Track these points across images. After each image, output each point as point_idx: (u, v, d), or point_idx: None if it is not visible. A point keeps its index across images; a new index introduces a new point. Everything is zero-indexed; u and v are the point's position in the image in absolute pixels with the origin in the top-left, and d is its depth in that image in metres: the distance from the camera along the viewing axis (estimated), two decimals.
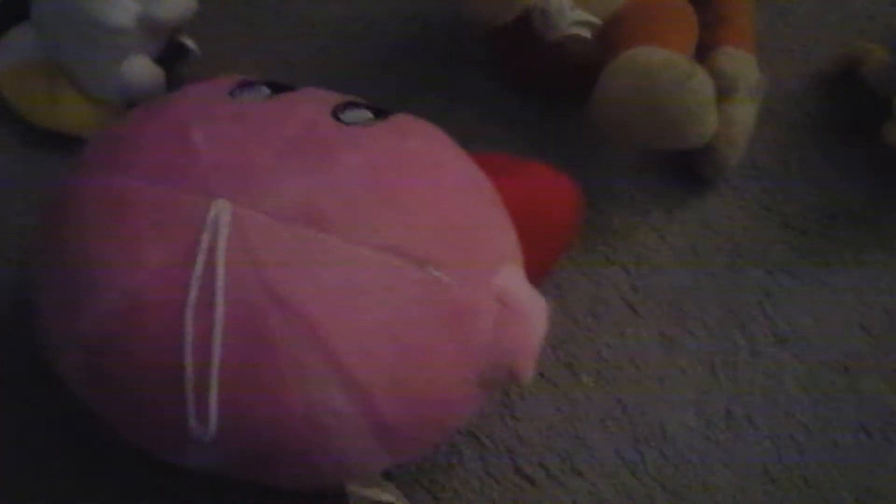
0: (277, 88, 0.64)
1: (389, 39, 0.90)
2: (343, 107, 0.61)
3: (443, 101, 0.84)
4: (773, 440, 0.66)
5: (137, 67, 0.80)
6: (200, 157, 0.57)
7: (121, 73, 0.80)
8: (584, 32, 0.75)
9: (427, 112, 0.64)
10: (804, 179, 0.79)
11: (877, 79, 0.80)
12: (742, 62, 0.78)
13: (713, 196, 0.78)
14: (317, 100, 0.63)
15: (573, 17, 0.75)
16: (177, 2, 0.80)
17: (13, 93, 0.83)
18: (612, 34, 0.74)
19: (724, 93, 0.75)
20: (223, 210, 0.55)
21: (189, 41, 0.83)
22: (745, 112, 0.77)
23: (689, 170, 0.79)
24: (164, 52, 0.82)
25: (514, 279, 0.59)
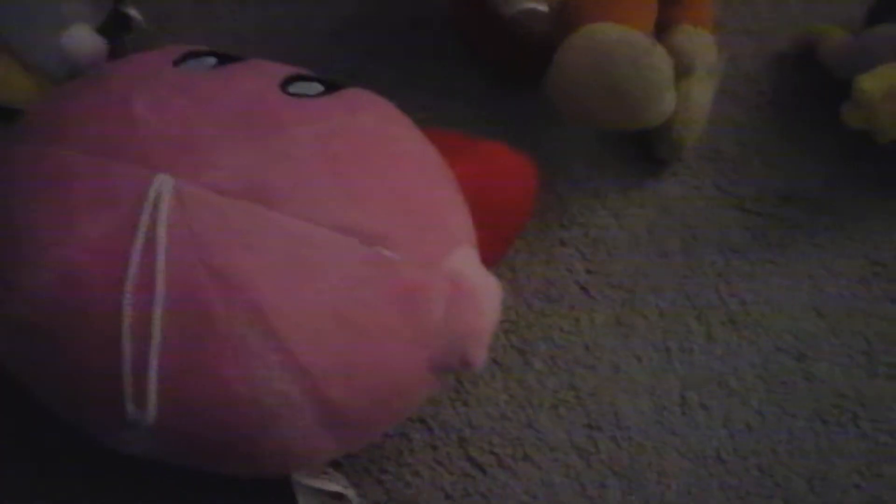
0: (224, 59, 0.62)
1: (343, 12, 0.88)
2: (292, 79, 0.60)
3: (397, 77, 0.83)
4: (728, 427, 0.65)
5: (78, 37, 0.77)
6: (141, 128, 0.55)
7: (61, 44, 0.77)
8: (541, 6, 0.73)
9: (380, 88, 0.62)
10: (761, 162, 0.78)
11: (834, 60, 0.79)
12: (700, 41, 0.77)
13: (669, 178, 0.77)
14: (265, 71, 0.61)
15: None
16: None
17: None
18: (570, 10, 0.72)
19: (682, 71, 0.74)
20: (165, 184, 0.53)
21: (133, 11, 0.80)
22: (703, 92, 0.76)
23: (646, 151, 0.78)
24: (107, 22, 0.79)
25: (468, 261, 0.58)
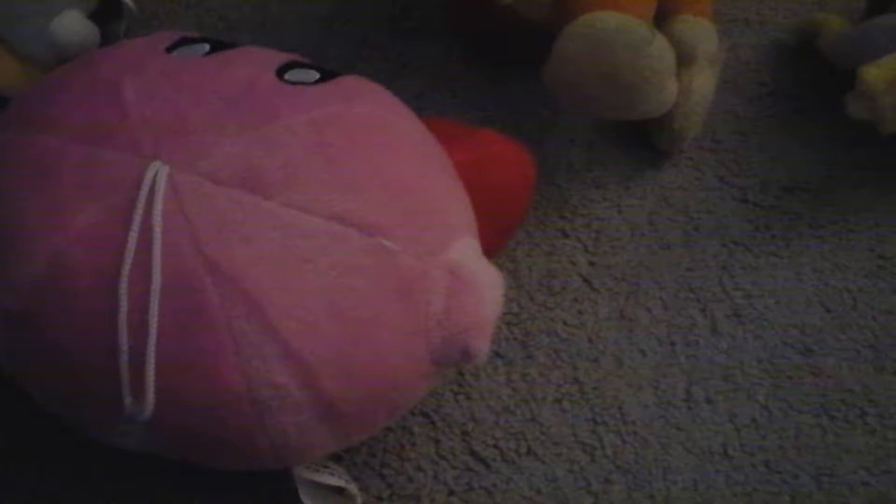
0: (218, 46, 0.60)
1: (335, 0, 0.86)
2: (288, 66, 0.58)
3: (391, 66, 0.82)
4: (734, 422, 0.64)
5: (68, 23, 0.75)
6: (131, 115, 0.54)
7: (51, 31, 0.75)
8: None
9: (374, 77, 0.61)
10: (762, 152, 0.77)
11: (834, 50, 0.79)
12: (701, 30, 0.76)
13: (670, 169, 0.76)
14: (259, 58, 0.59)
15: None
16: None
17: None
18: None
19: (683, 61, 0.73)
20: (160, 172, 0.52)
21: None
22: (704, 82, 0.75)
23: (646, 141, 0.77)
24: (99, 8, 0.78)
25: (469, 251, 0.57)
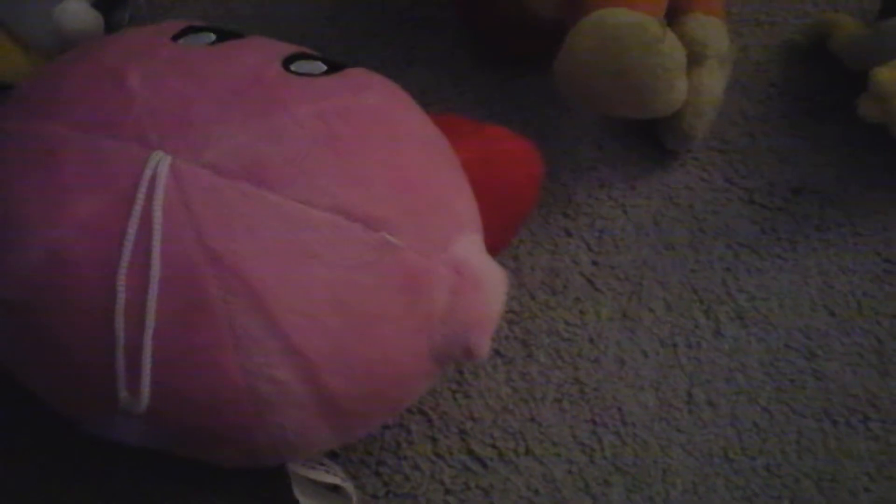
0: (224, 36, 0.60)
1: None
2: (295, 57, 0.58)
3: (397, 60, 0.81)
4: (735, 425, 0.64)
5: (72, 12, 0.75)
6: (136, 104, 0.53)
7: (54, 18, 0.75)
8: None
9: (380, 71, 0.60)
10: (770, 154, 0.77)
11: (846, 51, 0.78)
12: (712, 29, 0.75)
13: (677, 169, 0.76)
14: (266, 48, 0.59)
15: None
16: None
17: None
18: None
19: (694, 60, 0.72)
20: (162, 163, 0.51)
21: None
22: (714, 81, 0.75)
23: (654, 140, 0.76)
24: None
25: (473, 248, 0.56)
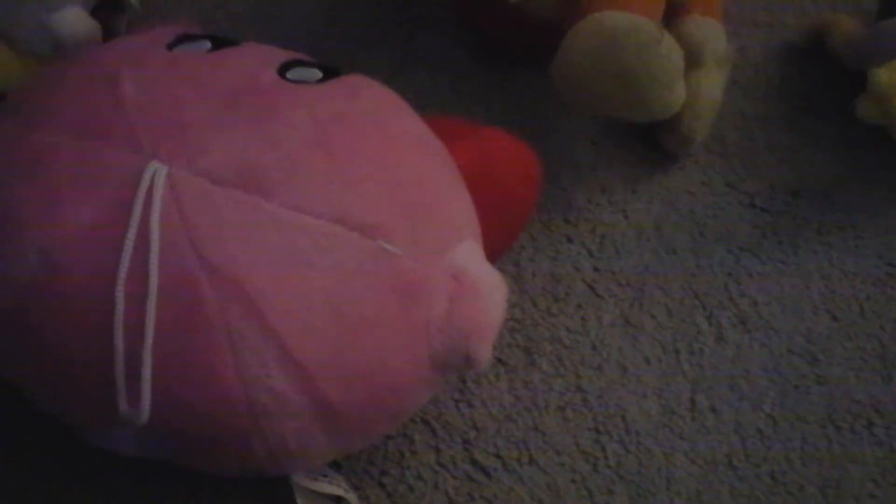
0: (220, 43, 0.59)
1: None
2: (290, 64, 0.58)
3: (394, 62, 0.80)
4: (739, 432, 0.64)
5: (70, 20, 0.74)
6: (130, 111, 0.53)
7: (51, 25, 0.74)
8: None
9: (377, 73, 0.60)
10: (770, 156, 0.76)
11: (845, 51, 0.78)
12: (710, 30, 0.75)
13: (677, 172, 0.75)
14: (261, 55, 0.59)
15: None
16: None
17: None
18: None
19: (692, 62, 0.72)
20: (159, 174, 0.51)
21: None
22: (713, 83, 0.75)
23: (654, 144, 0.76)
24: (101, 5, 0.76)
25: (472, 255, 0.56)
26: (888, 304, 0.69)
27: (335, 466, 0.60)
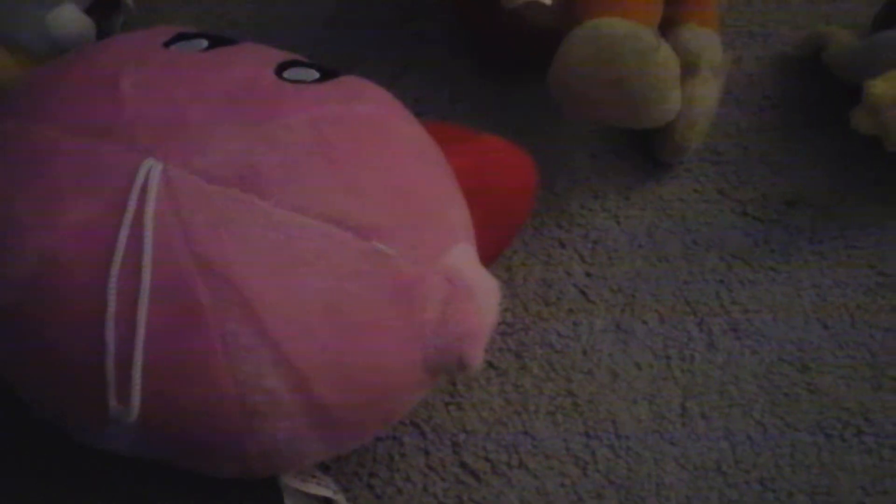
0: (216, 42, 0.59)
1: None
2: (288, 64, 0.58)
3: (392, 68, 0.81)
4: (729, 438, 0.63)
5: (65, 18, 0.74)
6: (127, 109, 0.53)
7: (47, 24, 0.74)
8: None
9: (375, 78, 0.60)
10: (764, 166, 0.77)
11: (840, 64, 0.78)
12: (706, 40, 0.76)
13: (670, 181, 0.75)
14: (259, 55, 0.59)
15: None
16: None
17: None
18: (576, 3, 0.70)
19: (687, 71, 0.72)
20: (154, 170, 0.51)
21: None
22: (708, 93, 0.75)
23: (648, 152, 0.76)
24: (96, 3, 0.76)
25: (466, 259, 0.56)
26: (878, 314, 0.69)
27: (324, 468, 0.60)
